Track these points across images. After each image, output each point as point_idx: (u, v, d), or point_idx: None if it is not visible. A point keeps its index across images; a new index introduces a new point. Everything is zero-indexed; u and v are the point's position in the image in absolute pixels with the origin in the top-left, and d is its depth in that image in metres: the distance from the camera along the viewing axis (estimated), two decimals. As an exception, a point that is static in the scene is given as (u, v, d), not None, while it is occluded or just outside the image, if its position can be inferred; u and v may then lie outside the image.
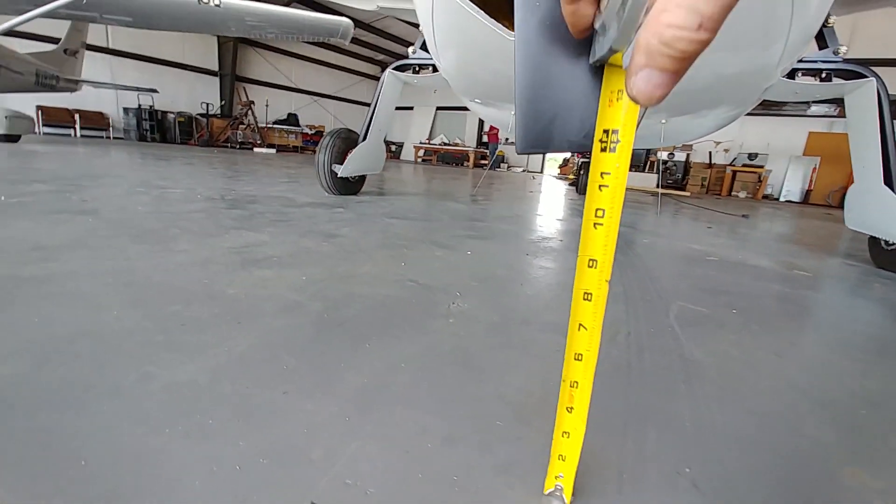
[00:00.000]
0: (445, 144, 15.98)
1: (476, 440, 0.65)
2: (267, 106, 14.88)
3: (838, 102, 2.56)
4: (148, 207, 2.29)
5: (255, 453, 0.57)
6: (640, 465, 0.64)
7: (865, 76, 2.20)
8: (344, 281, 1.35)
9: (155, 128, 12.47)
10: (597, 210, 0.41)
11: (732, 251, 2.57)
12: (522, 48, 0.39)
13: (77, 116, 11.26)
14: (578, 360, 0.46)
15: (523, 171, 14.98)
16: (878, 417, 0.84)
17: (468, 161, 14.91)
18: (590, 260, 0.42)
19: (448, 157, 15.55)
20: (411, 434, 0.65)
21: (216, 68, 14.43)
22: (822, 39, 2.29)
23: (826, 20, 2.21)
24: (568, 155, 12.76)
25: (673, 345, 1.09)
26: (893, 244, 2.24)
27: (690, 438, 0.72)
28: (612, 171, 0.39)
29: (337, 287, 1.28)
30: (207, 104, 13.73)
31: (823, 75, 2.24)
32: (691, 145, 10.74)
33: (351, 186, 3.63)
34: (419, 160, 16.11)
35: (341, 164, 3.34)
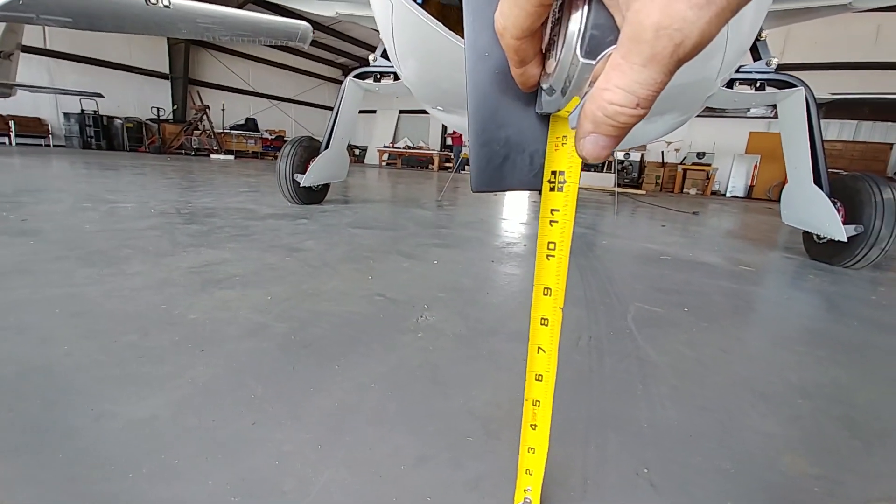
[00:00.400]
0: (410, 148, 15.95)
1: (447, 457, 0.67)
2: (223, 110, 14.35)
3: (772, 105, 2.76)
4: (96, 225, 2.17)
5: (226, 491, 0.57)
6: (601, 468, 0.68)
7: (795, 85, 2.39)
8: (310, 299, 1.33)
9: (100, 134, 11.76)
10: (548, 243, 0.44)
11: (684, 249, 2.72)
12: (474, 94, 0.41)
13: (12, 123, 10.46)
14: (539, 380, 0.49)
15: (488, 172, 15.15)
16: (812, 406, 0.92)
17: (433, 164, 14.95)
18: (544, 288, 0.45)
19: (413, 161, 15.53)
20: (384, 456, 0.66)
21: (167, 71, 13.79)
22: (756, 52, 2.47)
23: (759, 34, 2.39)
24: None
25: (631, 347, 1.15)
26: (824, 238, 2.44)
27: (647, 439, 0.77)
28: (560, 208, 0.42)
29: (303, 306, 1.27)
30: (158, 109, 13.08)
31: (758, 85, 2.42)
32: (645, 146, 11.24)
33: (314, 195, 3.57)
34: (384, 164, 16.00)
35: (303, 173, 3.28)
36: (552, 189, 0.42)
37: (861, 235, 2.21)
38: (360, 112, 3.69)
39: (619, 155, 11.23)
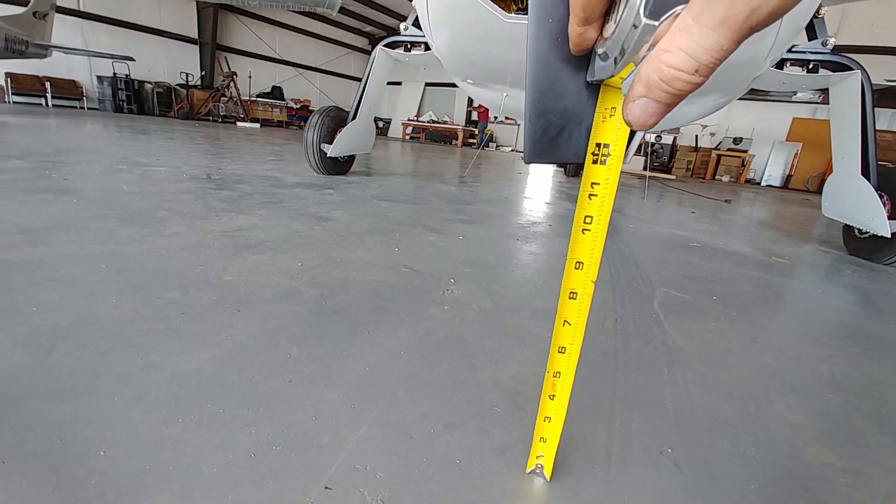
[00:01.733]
0: (434, 122, 15.75)
1: (475, 425, 0.69)
2: (250, 77, 14.38)
3: (823, 90, 2.60)
4: (132, 187, 2.24)
5: (268, 441, 0.60)
6: (626, 445, 0.69)
7: (851, 68, 2.24)
8: (339, 267, 1.36)
9: (132, 98, 11.96)
10: (585, 217, 0.44)
11: (715, 237, 2.65)
12: (534, 63, 0.40)
13: (48, 85, 10.72)
14: (562, 352, 0.50)
15: (512, 150, 14.91)
16: (842, 400, 0.91)
17: (457, 140, 14.75)
18: (577, 262, 0.46)
19: (436, 136, 15.35)
20: (414, 420, 0.69)
21: (195, 36, 13.81)
22: (811, 30, 2.31)
23: (817, 11, 2.23)
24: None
25: (657, 331, 1.14)
26: (866, 232, 2.34)
27: (672, 421, 0.77)
28: (601, 181, 0.42)
29: (332, 273, 1.30)
30: (187, 74, 13.18)
31: (811, 66, 2.28)
32: (678, 128, 10.80)
33: (340, 166, 3.59)
34: (407, 137, 15.88)
35: (330, 143, 3.29)
36: (595, 162, 0.42)
37: (906, 231, 2.10)
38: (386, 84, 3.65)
39: (651, 137, 10.84)
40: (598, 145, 0.41)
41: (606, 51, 0.33)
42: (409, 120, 16.10)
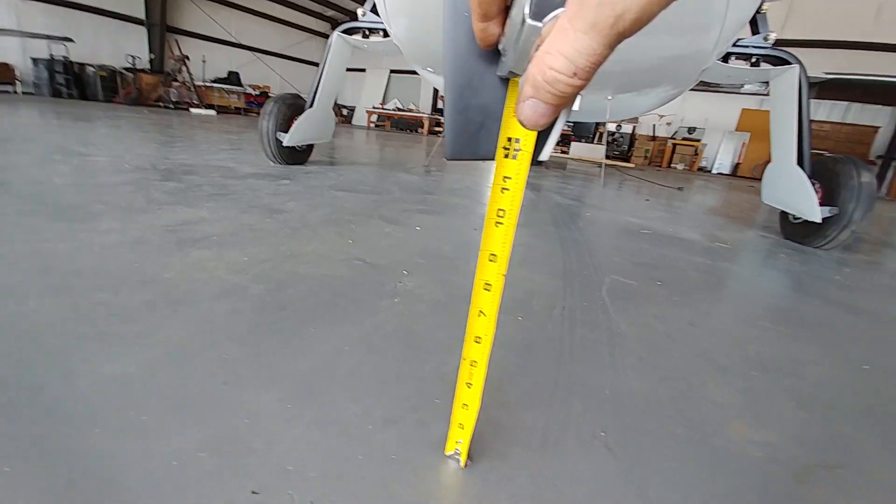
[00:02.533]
0: (399, 110, 15.52)
1: (414, 419, 0.70)
2: (204, 62, 13.65)
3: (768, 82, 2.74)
4: (67, 179, 2.09)
5: (193, 448, 0.58)
6: (562, 431, 0.71)
7: (790, 63, 2.36)
8: (288, 260, 1.33)
9: (71, 82, 11.09)
10: (498, 210, 0.44)
11: (665, 224, 2.76)
12: (452, 59, 0.39)
13: (-26, 67, 9.80)
14: (478, 342, 0.51)
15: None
16: (765, 379, 0.97)
17: (423, 128, 14.62)
18: (490, 254, 0.46)
19: (402, 124, 15.16)
20: (353, 417, 0.68)
21: (143, 16, 12.92)
22: (755, 25, 2.42)
23: (760, 6, 2.34)
24: (522, 124, 12.81)
25: (602, 318, 1.18)
26: (799, 218, 2.50)
27: (609, 405, 0.80)
28: (513, 175, 0.42)
29: (281, 267, 1.26)
30: (134, 57, 12.36)
31: (753, 60, 2.39)
32: (637, 118, 11.14)
33: (298, 156, 3.48)
34: (372, 125, 15.58)
35: (286, 132, 3.18)
36: (506, 156, 0.42)
37: (835, 217, 2.26)
38: (349, 70, 3.56)
39: (611, 126, 11.13)
40: (510, 139, 0.41)
41: (505, 45, 0.33)
42: (373, 108, 15.80)
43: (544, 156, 0.40)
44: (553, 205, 3.08)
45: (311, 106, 3.25)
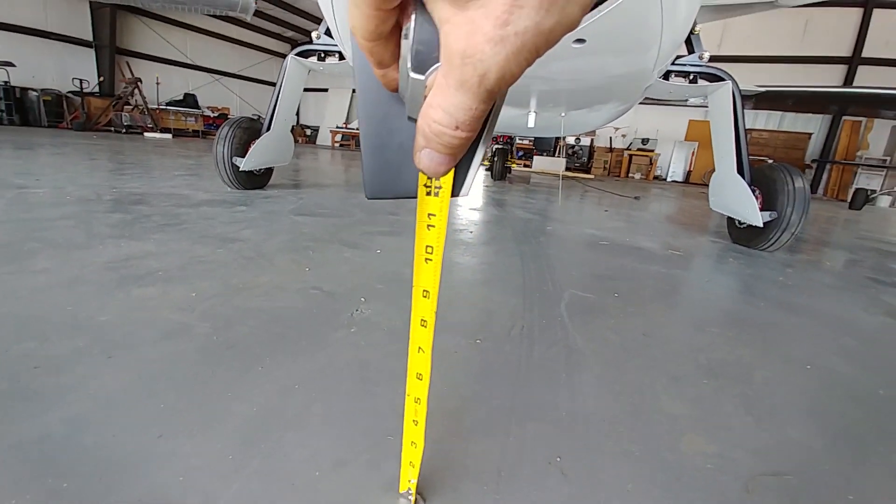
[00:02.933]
0: (364, 128, 15.48)
1: (365, 459, 0.67)
2: (158, 84, 13.23)
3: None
4: (-2, 215, 1.95)
5: (117, 514, 0.54)
6: (517, 460, 0.71)
7: (723, 79, 2.53)
8: (240, 294, 1.27)
9: (12, 108, 10.52)
10: (426, 247, 0.44)
11: (623, 234, 2.85)
12: (363, 98, 0.39)
13: None
14: (419, 379, 0.50)
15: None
16: (715, 386, 1.00)
17: (388, 146, 14.62)
18: (424, 291, 0.46)
19: (367, 142, 15.11)
20: (299, 462, 0.65)
21: (90, 38, 12.45)
22: (690, 45, 2.58)
23: (693, 28, 2.49)
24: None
25: (560, 335, 1.19)
26: (744, 223, 2.64)
27: (565, 427, 0.80)
28: (437, 213, 0.42)
29: (231, 302, 1.21)
30: (81, 80, 11.84)
31: (691, 77, 2.53)
32: (595, 131, 11.60)
33: (256, 180, 3.41)
34: (337, 145, 15.50)
35: (243, 156, 3.11)
36: (428, 194, 0.41)
37: (775, 221, 2.41)
38: (312, 90, 3.56)
39: (570, 140, 11.52)
40: (430, 178, 0.41)
41: (402, 93, 0.33)
42: (337, 127, 15.74)
43: (465, 191, 0.40)
44: (515, 220, 3.13)
45: (268, 129, 3.19)
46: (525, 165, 8.95)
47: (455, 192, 0.41)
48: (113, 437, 0.67)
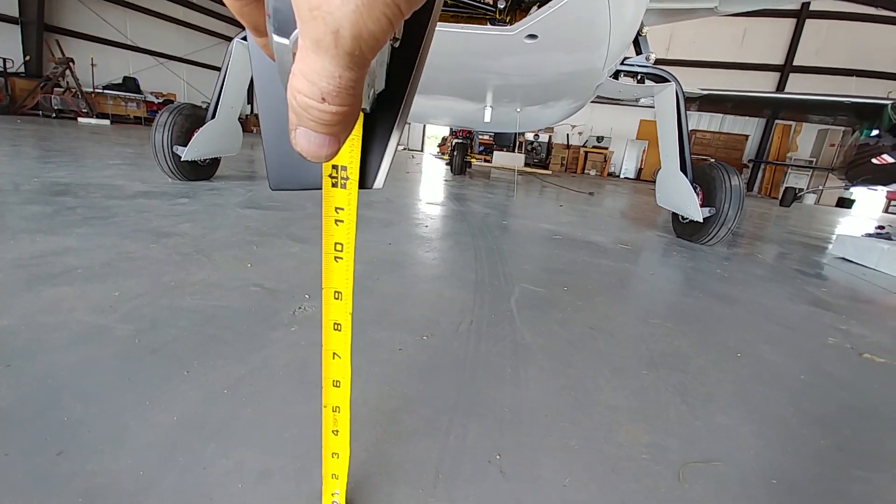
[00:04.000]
0: (322, 120, 15.03)
1: (295, 468, 0.63)
2: (93, 66, 12.19)
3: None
4: None
5: (-7, 548, 0.47)
6: (456, 460, 0.69)
7: (668, 80, 2.63)
8: (170, 293, 1.18)
9: (-82, 88, 9.36)
10: (336, 244, 0.41)
11: (575, 229, 2.93)
12: (259, 81, 0.35)
13: None
14: (337, 386, 0.47)
15: (404, 148, 14.94)
16: (654, 376, 1.04)
17: (347, 138, 14.28)
18: (335, 292, 0.43)
19: (326, 134, 14.69)
20: (222, 475, 0.60)
21: (15, 14, 11.26)
22: (638, 46, 2.66)
23: (640, 30, 2.57)
24: (447, 133, 13.07)
25: (508, 331, 1.19)
26: (686, 218, 2.78)
27: (507, 424, 0.80)
28: (345, 206, 0.39)
29: (160, 302, 1.12)
30: (4, 60, 10.70)
31: (639, 77, 2.62)
32: (552, 128, 11.86)
33: (201, 171, 3.21)
34: (293, 136, 14.93)
35: (185, 145, 2.91)
36: (334, 185, 0.38)
37: (714, 216, 2.55)
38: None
39: (529, 136, 11.73)
40: (336, 167, 0.37)
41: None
42: (294, 117, 15.16)
43: (378, 183, 0.37)
44: (472, 214, 3.13)
45: (212, 117, 3.01)
46: (485, 160, 9.02)
47: (366, 183, 0.38)
48: (5, 455, 0.59)
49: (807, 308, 1.75)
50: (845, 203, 11.34)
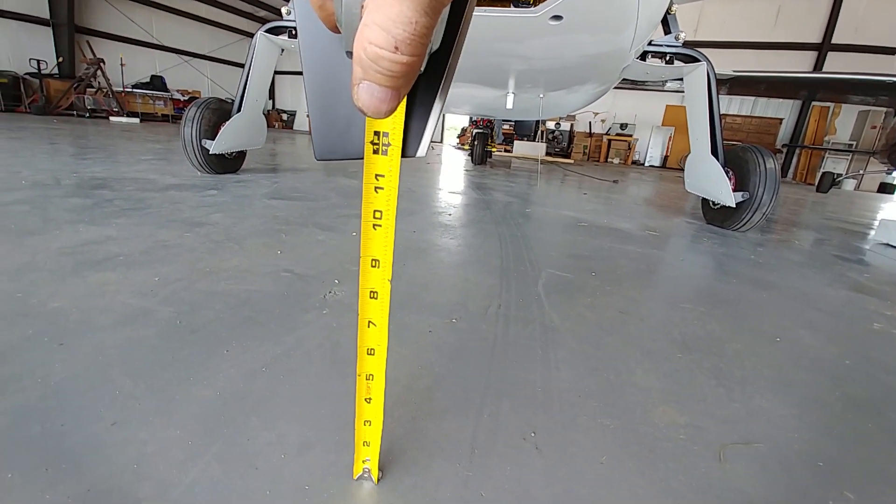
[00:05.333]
0: (342, 113, 15.14)
1: (333, 441, 0.65)
2: (123, 65, 12.58)
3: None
4: (-57, 200, 1.82)
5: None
6: (491, 437, 0.69)
7: (699, 60, 2.53)
8: (206, 278, 1.22)
9: (-37, 91, 9.87)
10: (374, 212, 0.41)
11: (600, 216, 2.87)
12: (308, 55, 0.36)
13: None
14: (371, 354, 0.48)
15: (424, 140, 14.89)
16: (688, 359, 1.01)
17: (367, 131, 14.36)
18: (372, 260, 0.43)
19: (345, 127, 14.80)
20: (263, 446, 0.62)
21: (47, 16, 11.70)
22: (666, 25, 2.57)
23: (669, 8, 2.48)
24: (466, 123, 12.98)
25: (537, 314, 1.18)
26: (718, 204, 2.69)
27: (539, 403, 0.79)
28: (385, 173, 0.39)
29: (196, 286, 1.16)
30: (39, 61, 11.15)
31: (668, 58, 2.53)
32: (574, 116, 11.62)
33: (228, 163, 3.28)
34: (314, 130, 15.10)
35: (213, 138, 2.98)
36: (375, 152, 0.38)
37: (747, 201, 2.45)
38: (288, 74, 3.42)
39: (550, 125, 11.53)
40: (377, 133, 0.38)
41: (339, 23, 0.30)
42: (315, 111, 15.32)
43: (421, 151, 0.37)
44: (495, 202, 3.11)
45: (238, 111, 3.07)
46: (506, 150, 8.92)
47: (408, 151, 0.38)
48: (62, 426, 0.63)
49: (848, 293, 1.68)
50: (887, 188, 10.75)
